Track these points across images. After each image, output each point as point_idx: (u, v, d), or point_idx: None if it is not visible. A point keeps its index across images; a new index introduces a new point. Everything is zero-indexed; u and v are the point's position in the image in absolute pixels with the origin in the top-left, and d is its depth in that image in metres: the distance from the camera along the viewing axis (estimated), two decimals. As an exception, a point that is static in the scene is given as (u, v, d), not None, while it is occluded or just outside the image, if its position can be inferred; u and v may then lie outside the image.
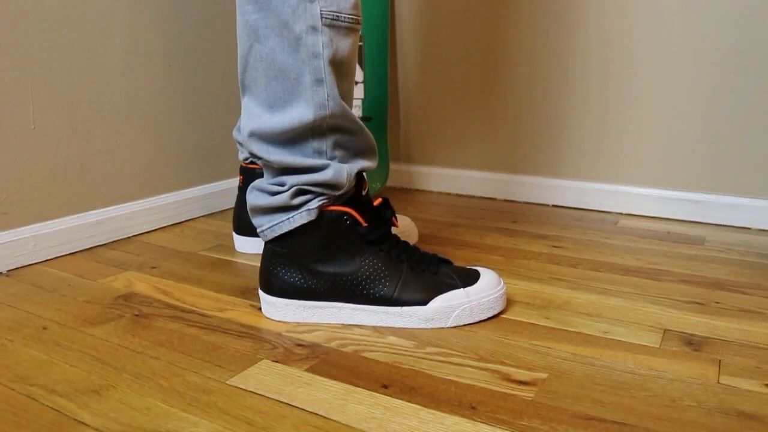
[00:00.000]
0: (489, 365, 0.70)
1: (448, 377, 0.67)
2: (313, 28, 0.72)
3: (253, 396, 0.64)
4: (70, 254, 1.07)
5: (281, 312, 0.81)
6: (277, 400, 0.63)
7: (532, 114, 1.43)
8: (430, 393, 0.64)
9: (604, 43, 1.33)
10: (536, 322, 0.81)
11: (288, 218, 0.78)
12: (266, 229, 0.80)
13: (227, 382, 0.66)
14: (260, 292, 0.83)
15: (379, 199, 0.81)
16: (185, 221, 1.28)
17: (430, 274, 0.80)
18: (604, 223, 1.29)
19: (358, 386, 0.65)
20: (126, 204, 1.18)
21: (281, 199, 0.77)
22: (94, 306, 0.86)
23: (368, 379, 0.67)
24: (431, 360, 0.71)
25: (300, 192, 0.77)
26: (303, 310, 0.80)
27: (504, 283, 0.86)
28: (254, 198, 0.80)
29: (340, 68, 0.74)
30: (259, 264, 1.02)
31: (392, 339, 0.76)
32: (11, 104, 0.98)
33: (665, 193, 1.32)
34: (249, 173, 1.07)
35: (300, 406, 0.62)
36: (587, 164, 1.39)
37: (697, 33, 1.24)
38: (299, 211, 0.77)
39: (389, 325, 0.80)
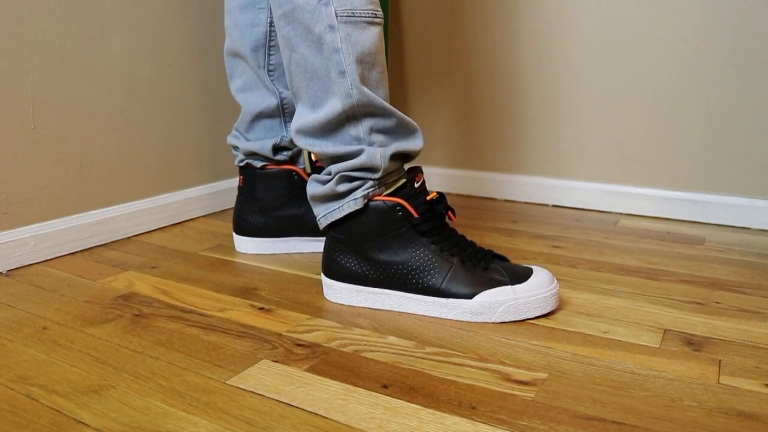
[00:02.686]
0: (489, 365, 0.70)
1: (448, 377, 0.67)
2: (331, 27, 0.79)
3: (253, 396, 0.64)
4: (70, 254, 1.07)
5: (338, 295, 0.87)
6: (277, 400, 0.63)
7: (533, 114, 1.43)
8: (430, 393, 0.64)
9: (605, 43, 1.33)
10: (536, 322, 0.81)
11: (338, 207, 0.84)
12: (321, 217, 0.86)
13: (227, 382, 0.66)
14: (321, 275, 0.90)
15: (434, 193, 0.84)
16: (185, 221, 1.28)
17: (481, 269, 0.81)
18: (604, 223, 1.29)
19: (358, 386, 0.65)
20: (126, 204, 1.18)
21: (329, 187, 0.84)
22: (94, 306, 0.86)
23: (368, 379, 0.67)
24: (431, 360, 0.71)
25: (344, 179, 0.83)
26: (357, 294, 0.86)
27: (558, 282, 0.85)
28: (310, 188, 0.87)
29: (363, 59, 0.80)
30: (259, 264, 1.03)
31: (392, 339, 0.76)
32: (11, 104, 0.98)
33: (665, 193, 1.32)
34: (250, 173, 1.07)
35: (300, 406, 0.62)
36: (587, 164, 1.39)
37: (697, 33, 1.24)
38: (347, 200, 0.83)
39: (435, 315, 0.82)
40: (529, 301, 0.80)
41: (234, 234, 1.10)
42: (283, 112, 1.05)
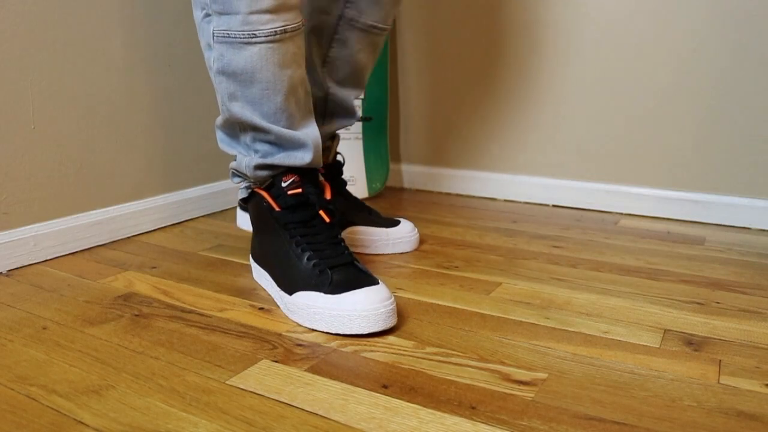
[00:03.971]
0: (489, 365, 0.70)
1: (448, 377, 0.67)
2: (209, 45, 0.84)
3: (253, 396, 0.64)
4: (70, 254, 1.07)
5: (253, 271, 0.96)
6: (277, 400, 0.63)
7: (532, 114, 1.43)
8: (430, 393, 0.64)
9: (605, 43, 1.33)
10: (536, 322, 0.81)
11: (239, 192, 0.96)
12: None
13: (227, 382, 0.66)
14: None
15: (298, 190, 0.85)
16: (185, 221, 1.28)
17: (316, 270, 0.79)
18: (604, 223, 1.29)
19: (358, 386, 0.65)
20: (126, 204, 1.18)
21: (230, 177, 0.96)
22: (94, 306, 0.86)
23: (368, 379, 0.67)
24: (431, 360, 0.71)
25: (233, 174, 0.94)
26: (253, 269, 0.95)
27: (391, 304, 0.77)
28: None
29: (237, 77, 0.82)
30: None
31: (392, 339, 0.76)
32: (11, 104, 0.98)
33: (665, 193, 1.32)
34: None
35: (300, 406, 0.62)
36: (587, 164, 1.39)
37: (697, 33, 1.24)
38: (240, 188, 0.95)
39: (278, 305, 0.85)
40: (334, 314, 0.76)
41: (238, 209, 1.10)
42: (326, 108, 1.04)
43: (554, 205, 1.43)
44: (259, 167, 0.87)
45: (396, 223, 1.09)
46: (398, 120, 1.61)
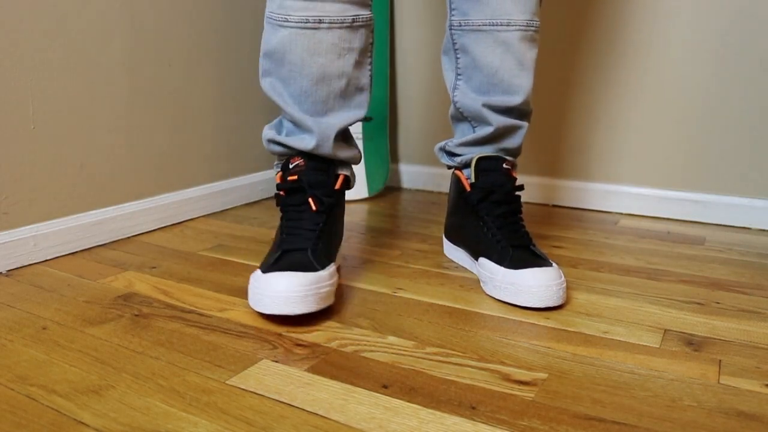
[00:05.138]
0: (489, 365, 0.70)
1: (448, 377, 0.67)
2: (264, 25, 0.89)
3: (253, 396, 0.64)
4: (70, 254, 1.07)
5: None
6: (277, 400, 0.63)
7: (532, 114, 1.43)
8: (430, 393, 0.64)
9: (605, 44, 1.33)
10: (536, 322, 0.81)
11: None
12: None
13: (227, 382, 0.66)
14: None
15: (294, 177, 0.88)
16: (185, 221, 1.28)
17: (277, 254, 0.83)
18: (604, 223, 1.29)
19: (358, 386, 0.65)
20: (126, 204, 1.18)
21: None
22: (94, 306, 0.86)
23: (368, 379, 0.67)
24: (431, 360, 0.71)
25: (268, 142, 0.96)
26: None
27: (324, 287, 0.79)
28: None
29: (272, 56, 0.87)
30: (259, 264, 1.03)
31: (392, 339, 0.76)
32: (11, 104, 0.98)
33: (665, 193, 1.32)
34: None
35: (300, 406, 0.62)
36: (587, 164, 1.39)
37: (697, 33, 1.24)
38: (275, 164, 0.97)
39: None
40: (261, 294, 0.78)
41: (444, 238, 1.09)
42: (461, 117, 1.01)
43: (554, 205, 1.43)
44: (270, 141, 0.92)
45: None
46: (398, 120, 1.61)
